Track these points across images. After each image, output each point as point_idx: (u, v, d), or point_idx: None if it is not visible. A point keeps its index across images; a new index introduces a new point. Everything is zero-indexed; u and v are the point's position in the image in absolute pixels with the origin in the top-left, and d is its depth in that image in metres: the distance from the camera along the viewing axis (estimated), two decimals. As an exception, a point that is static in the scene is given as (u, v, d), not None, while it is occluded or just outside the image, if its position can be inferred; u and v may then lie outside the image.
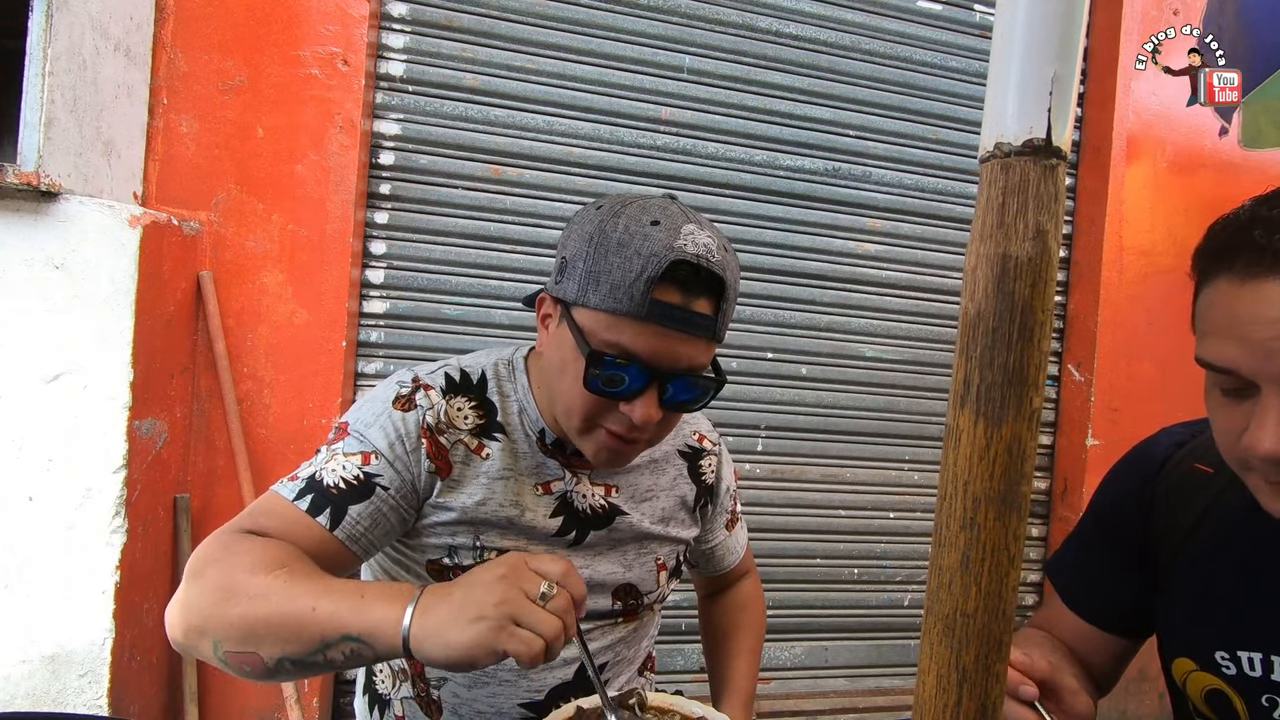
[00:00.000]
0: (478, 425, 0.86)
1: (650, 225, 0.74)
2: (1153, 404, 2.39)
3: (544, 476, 0.88)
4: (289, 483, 0.78)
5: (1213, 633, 0.75)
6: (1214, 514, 0.78)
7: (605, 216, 0.77)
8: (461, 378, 0.88)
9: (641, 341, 0.73)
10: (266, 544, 0.71)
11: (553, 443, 0.88)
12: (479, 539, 0.84)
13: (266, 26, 1.81)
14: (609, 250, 0.74)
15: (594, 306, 0.74)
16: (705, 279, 0.74)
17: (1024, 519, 0.39)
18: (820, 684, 2.35)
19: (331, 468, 0.79)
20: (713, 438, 1.05)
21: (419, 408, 0.83)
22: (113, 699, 1.54)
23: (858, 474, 2.35)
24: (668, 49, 2.16)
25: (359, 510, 0.77)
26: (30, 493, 1.50)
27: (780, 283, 2.26)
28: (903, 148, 2.35)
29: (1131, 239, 2.39)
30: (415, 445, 0.81)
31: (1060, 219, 0.38)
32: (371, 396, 0.85)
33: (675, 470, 0.99)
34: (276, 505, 0.77)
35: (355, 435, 0.81)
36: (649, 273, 0.71)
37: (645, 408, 0.76)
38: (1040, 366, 0.38)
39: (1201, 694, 0.77)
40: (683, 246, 0.73)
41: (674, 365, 0.76)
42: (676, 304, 0.73)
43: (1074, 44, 0.37)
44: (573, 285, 0.77)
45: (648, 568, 0.95)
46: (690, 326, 0.74)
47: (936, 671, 0.40)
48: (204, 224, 1.78)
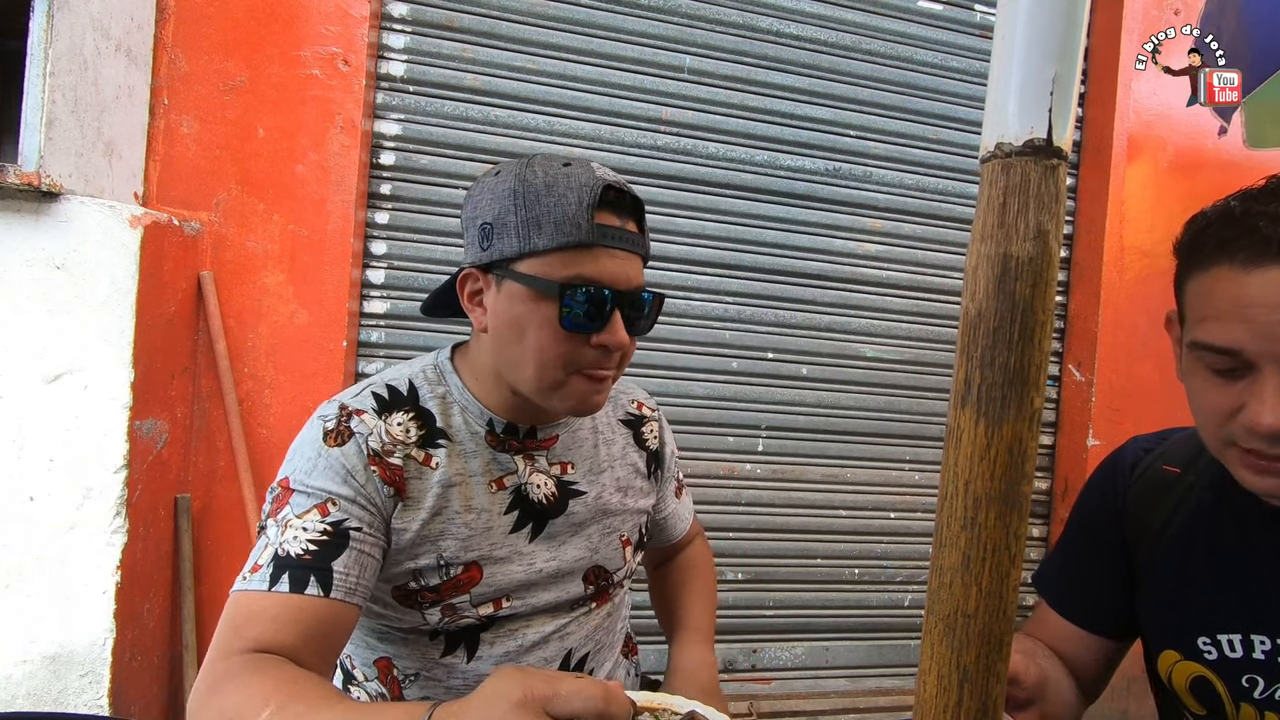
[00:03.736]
0: (420, 436, 0.83)
1: (564, 167, 0.79)
2: (1153, 404, 2.39)
3: (495, 473, 0.87)
4: (253, 575, 0.72)
5: (1193, 621, 0.79)
6: (1184, 509, 0.83)
7: (517, 172, 0.79)
8: (390, 393, 0.85)
9: (598, 266, 0.77)
10: (254, 682, 0.65)
11: (504, 430, 0.87)
12: (441, 555, 0.82)
13: (267, 27, 1.82)
14: (539, 195, 0.77)
15: (543, 249, 0.77)
16: (630, 201, 0.81)
17: (1025, 519, 0.39)
18: (821, 684, 2.34)
19: (291, 537, 0.74)
20: (650, 404, 1.07)
21: (356, 435, 0.80)
22: (113, 699, 1.54)
23: (858, 474, 2.35)
24: (668, 49, 2.16)
25: (344, 562, 0.74)
26: (31, 493, 1.50)
27: (781, 283, 2.26)
28: (903, 148, 2.34)
29: (1132, 239, 2.39)
30: (367, 475, 0.78)
31: (1061, 219, 0.38)
32: (299, 444, 0.81)
33: (623, 439, 1.00)
34: (255, 605, 0.71)
35: (300, 491, 0.77)
36: (587, 200, 0.76)
37: (618, 332, 0.79)
38: (1041, 366, 0.38)
39: (1186, 684, 0.80)
40: (603, 176, 0.79)
41: (628, 285, 0.80)
42: (615, 225, 0.79)
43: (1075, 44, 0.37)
44: (509, 242, 0.78)
45: (613, 546, 0.95)
46: (631, 244, 0.80)
47: (937, 671, 0.40)
48: (205, 224, 1.79)
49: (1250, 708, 0.75)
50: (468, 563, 0.84)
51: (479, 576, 0.84)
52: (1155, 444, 0.90)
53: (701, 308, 2.21)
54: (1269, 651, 0.74)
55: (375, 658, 0.87)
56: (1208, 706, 0.78)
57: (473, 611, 0.84)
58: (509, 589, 0.86)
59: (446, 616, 0.83)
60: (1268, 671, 0.74)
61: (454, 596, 0.83)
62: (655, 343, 2.17)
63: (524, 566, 0.87)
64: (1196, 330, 0.69)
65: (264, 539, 0.75)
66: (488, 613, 0.85)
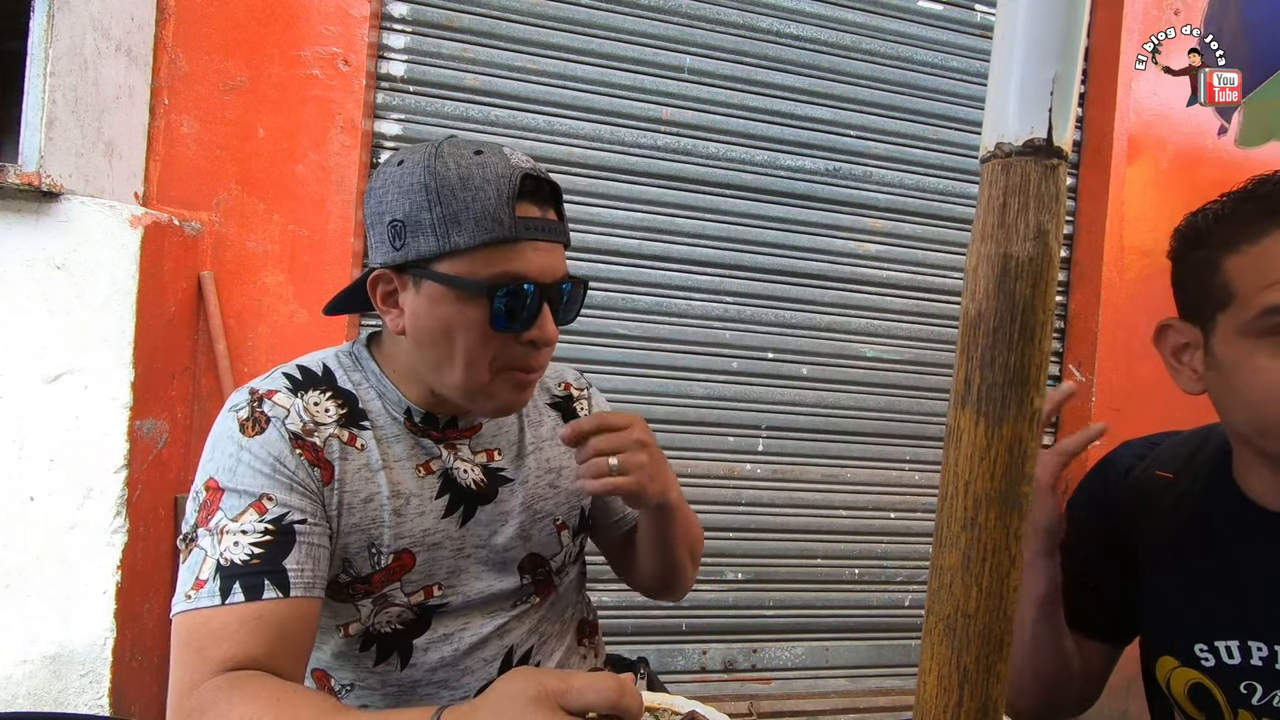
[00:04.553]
0: (341, 415, 0.79)
1: (476, 155, 0.74)
2: (1154, 404, 2.39)
3: (420, 457, 0.83)
4: (199, 592, 0.68)
5: (1190, 627, 0.78)
6: (1179, 515, 0.82)
7: (426, 164, 0.74)
8: (304, 373, 0.81)
9: (523, 262, 0.74)
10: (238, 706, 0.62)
11: (422, 419, 0.84)
12: (373, 543, 0.79)
13: (267, 27, 1.82)
14: (454, 189, 0.72)
15: (464, 248, 0.72)
16: (547, 188, 0.77)
17: (1025, 519, 0.39)
18: (821, 684, 2.34)
19: (231, 544, 0.69)
20: (580, 383, 1.03)
21: (274, 419, 0.75)
22: (114, 699, 1.54)
23: (858, 474, 2.35)
24: (668, 49, 2.16)
25: (295, 558, 0.70)
26: (31, 493, 1.50)
27: (781, 283, 2.26)
28: (903, 148, 2.34)
29: (1132, 239, 2.39)
30: (295, 460, 0.74)
31: (1061, 219, 0.38)
32: (215, 439, 0.75)
33: (551, 420, 0.97)
34: (213, 623, 0.67)
35: (230, 491, 0.72)
36: (506, 192, 0.72)
37: (547, 327, 0.77)
38: (1041, 366, 0.38)
39: (1185, 691, 0.80)
40: (519, 164, 0.75)
41: (554, 276, 0.77)
42: (536, 216, 0.76)
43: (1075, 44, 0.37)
44: (426, 241, 0.73)
45: (546, 531, 0.91)
46: (553, 234, 0.77)
47: (937, 671, 0.40)
48: (205, 224, 1.79)
49: (1248, 714, 0.74)
50: (399, 550, 0.80)
51: (411, 563, 0.81)
52: (1148, 450, 0.90)
53: (702, 308, 2.21)
54: (1266, 658, 0.73)
55: (312, 669, 0.85)
56: (1206, 713, 0.78)
57: (404, 600, 0.82)
58: (440, 576, 0.83)
59: (379, 608, 0.81)
60: (1265, 678, 0.73)
61: (386, 586, 0.81)
62: (655, 343, 2.17)
63: (454, 552, 0.84)
64: (1265, 296, 0.67)
65: (197, 551, 0.70)
66: (419, 600, 0.82)
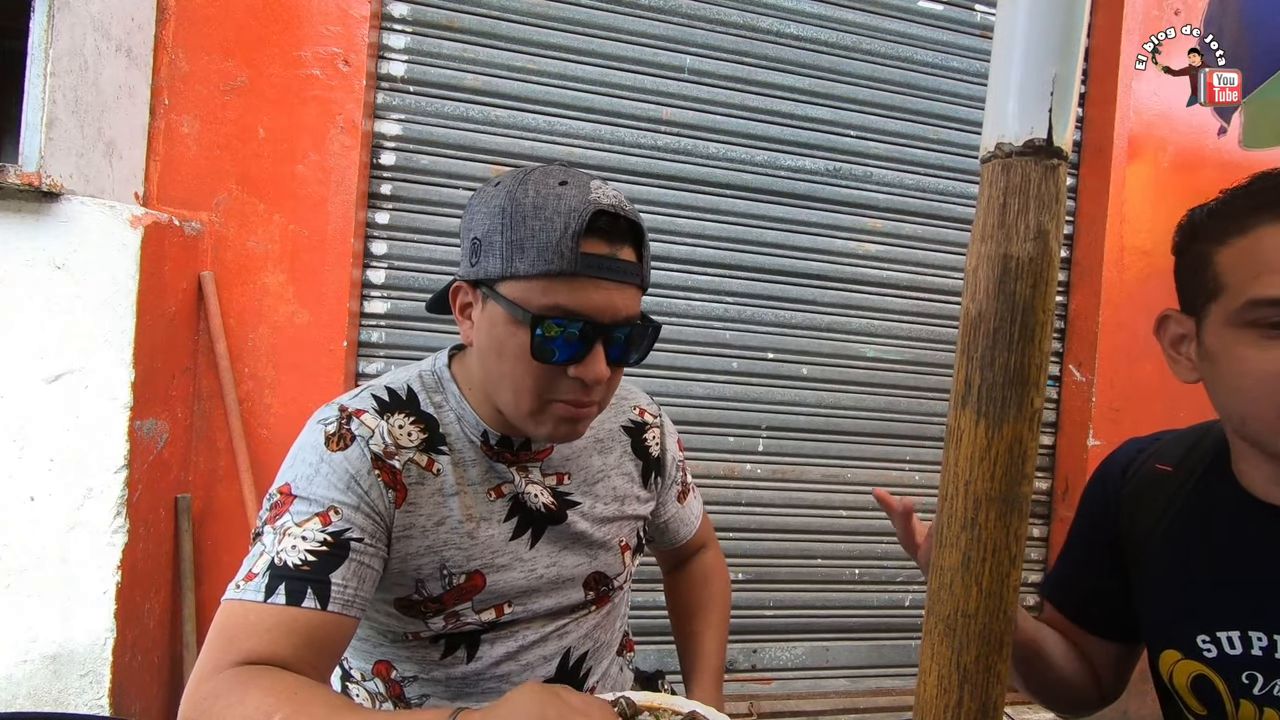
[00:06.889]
0: (423, 440, 0.82)
1: (559, 186, 0.74)
2: (1154, 404, 2.39)
3: (493, 481, 0.86)
4: (247, 584, 0.70)
5: (1192, 619, 0.79)
6: (1177, 507, 0.83)
7: (511, 188, 0.75)
8: (390, 396, 0.83)
9: (579, 297, 0.73)
10: (253, 695, 0.64)
11: (498, 442, 0.85)
12: (444, 565, 0.82)
13: (268, 27, 1.82)
14: (526, 216, 0.73)
15: (524, 274, 0.73)
16: (625, 226, 0.76)
17: (1025, 519, 0.39)
18: (821, 684, 2.34)
19: (289, 545, 0.71)
20: (653, 410, 1.04)
21: (359, 438, 0.78)
22: (114, 699, 1.54)
23: (858, 474, 2.35)
24: (669, 49, 2.16)
25: (342, 574, 0.72)
26: (31, 493, 1.50)
27: (781, 283, 2.26)
28: (904, 148, 2.34)
29: (1133, 239, 2.39)
30: (371, 480, 0.76)
31: (1061, 219, 0.38)
32: (300, 448, 0.79)
33: (621, 447, 0.98)
34: (250, 616, 0.69)
35: (301, 498, 0.74)
36: (573, 227, 0.71)
37: (595, 366, 0.75)
38: (1041, 367, 0.38)
39: (1187, 683, 0.80)
40: (597, 199, 0.74)
41: (613, 317, 0.76)
42: (604, 254, 0.74)
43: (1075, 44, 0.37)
44: (494, 261, 0.74)
45: (612, 552, 0.94)
46: (621, 274, 0.75)
47: (937, 671, 0.40)
48: (205, 224, 1.79)
49: (1250, 704, 0.75)
50: (470, 571, 0.83)
51: (482, 584, 0.84)
52: (1149, 444, 0.90)
53: (702, 308, 2.21)
54: (1266, 648, 0.74)
55: (375, 660, 0.87)
56: (1208, 705, 0.79)
57: (475, 618, 0.85)
58: (510, 595, 0.86)
59: (449, 624, 0.84)
60: (1266, 667, 0.74)
61: (457, 604, 0.83)
62: (655, 343, 2.17)
63: (525, 573, 0.87)
64: (1251, 288, 0.68)
65: (259, 546, 0.73)
66: (490, 619, 0.85)
